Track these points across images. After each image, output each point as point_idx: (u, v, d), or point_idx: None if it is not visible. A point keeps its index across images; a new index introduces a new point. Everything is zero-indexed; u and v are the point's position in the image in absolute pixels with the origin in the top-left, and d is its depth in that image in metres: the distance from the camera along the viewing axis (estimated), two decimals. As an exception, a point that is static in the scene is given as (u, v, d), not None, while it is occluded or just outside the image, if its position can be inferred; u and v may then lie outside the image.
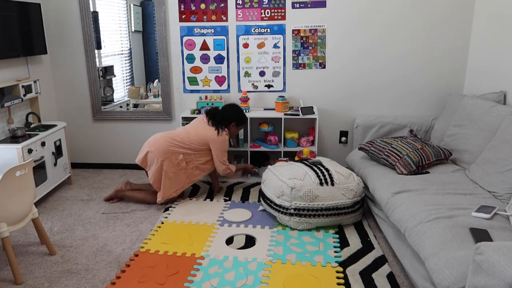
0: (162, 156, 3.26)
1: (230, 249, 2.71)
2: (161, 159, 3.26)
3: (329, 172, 2.97)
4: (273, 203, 3.00)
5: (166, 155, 3.27)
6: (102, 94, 4.25)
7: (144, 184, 3.63)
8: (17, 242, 2.87)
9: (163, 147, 3.27)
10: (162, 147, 3.27)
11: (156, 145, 3.28)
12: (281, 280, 2.37)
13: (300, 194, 2.85)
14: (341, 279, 2.38)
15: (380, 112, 3.98)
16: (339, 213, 2.93)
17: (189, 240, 2.83)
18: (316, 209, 2.88)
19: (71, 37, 4.03)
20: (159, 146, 3.27)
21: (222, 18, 3.85)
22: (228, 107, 3.50)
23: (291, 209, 2.89)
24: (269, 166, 3.24)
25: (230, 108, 3.49)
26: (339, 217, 2.94)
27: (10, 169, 2.26)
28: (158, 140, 3.31)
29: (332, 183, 2.91)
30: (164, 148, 3.27)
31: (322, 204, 2.87)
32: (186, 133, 3.38)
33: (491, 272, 1.45)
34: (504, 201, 2.41)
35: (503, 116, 2.75)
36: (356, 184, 2.97)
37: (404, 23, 3.73)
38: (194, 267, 2.50)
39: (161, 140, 3.30)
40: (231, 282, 2.35)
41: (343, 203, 2.91)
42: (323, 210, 2.89)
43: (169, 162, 3.28)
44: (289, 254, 2.64)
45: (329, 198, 2.88)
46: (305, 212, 2.88)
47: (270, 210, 3.06)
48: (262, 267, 2.50)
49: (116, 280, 2.38)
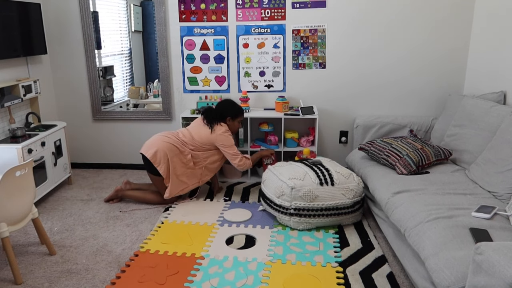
0: (171, 153, 3.27)
1: (230, 249, 2.71)
2: (171, 155, 3.27)
3: (329, 172, 2.97)
4: (273, 203, 3.00)
5: (174, 152, 3.28)
6: (102, 94, 4.25)
7: (144, 184, 3.63)
8: (17, 242, 2.87)
9: (171, 146, 3.28)
10: (170, 145, 3.28)
11: (164, 144, 3.27)
12: (281, 280, 2.37)
13: (300, 194, 2.85)
14: (341, 279, 2.38)
15: (380, 112, 3.98)
16: (339, 213, 2.93)
17: (189, 240, 2.83)
18: (316, 209, 2.88)
19: (71, 37, 4.03)
20: (167, 145, 3.27)
21: (222, 18, 3.85)
22: (220, 103, 3.48)
23: (291, 209, 2.89)
24: (269, 166, 3.24)
25: (222, 103, 3.47)
26: (339, 217, 2.95)
27: (10, 169, 2.26)
28: (166, 139, 3.30)
29: (332, 183, 2.91)
30: (172, 146, 3.28)
31: (322, 204, 2.87)
32: (189, 134, 3.40)
33: (491, 272, 1.45)
34: (504, 201, 2.41)
35: (503, 116, 2.74)
36: (356, 184, 2.97)
37: (404, 23, 3.73)
38: (194, 267, 2.50)
39: (168, 139, 3.31)
40: (231, 282, 2.35)
41: (343, 203, 2.91)
42: (323, 210, 2.89)
43: (178, 160, 3.30)
44: (289, 254, 2.64)
45: (329, 198, 2.88)
46: (305, 212, 2.88)
47: (270, 210, 3.06)
48: (262, 267, 2.50)
49: (116, 280, 2.38)
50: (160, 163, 3.25)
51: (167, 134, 3.36)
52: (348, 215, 2.97)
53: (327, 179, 2.92)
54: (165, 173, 3.27)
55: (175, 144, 3.30)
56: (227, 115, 3.42)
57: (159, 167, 3.25)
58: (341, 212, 2.93)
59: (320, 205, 2.87)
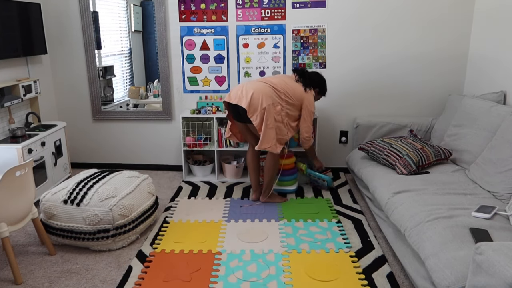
0: (267, 101, 3.00)
1: (245, 243, 2.78)
2: (265, 105, 3.00)
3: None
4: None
5: (270, 101, 3.01)
6: (102, 94, 4.25)
7: (252, 172, 3.45)
8: (17, 242, 2.87)
9: (268, 92, 3.03)
10: (267, 91, 3.03)
11: (260, 88, 3.02)
12: (302, 268, 2.48)
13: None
14: (357, 263, 2.52)
15: (380, 112, 3.98)
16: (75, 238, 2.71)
17: (201, 237, 2.86)
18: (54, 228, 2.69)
19: (71, 37, 4.03)
20: (264, 90, 3.02)
21: (222, 18, 3.85)
22: (315, 73, 3.33)
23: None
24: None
25: (317, 75, 3.32)
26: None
27: (10, 169, 2.26)
28: (259, 84, 3.07)
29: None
30: (269, 92, 3.03)
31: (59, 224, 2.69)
32: (283, 83, 3.15)
33: (491, 272, 1.45)
34: (504, 201, 2.41)
35: (503, 116, 2.75)
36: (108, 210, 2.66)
37: (404, 23, 3.73)
38: (214, 262, 2.55)
39: (262, 84, 3.06)
40: (255, 274, 2.42)
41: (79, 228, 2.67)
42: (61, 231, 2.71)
43: (269, 112, 3.02)
44: (302, 244, 2.76)
45: (66, 219, 2.68)
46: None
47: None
48: (280, 258, 2.60)
49: (141, 282, 2.37)
50: (253, 112, 3.02)
51: (263, 80, 3.15)
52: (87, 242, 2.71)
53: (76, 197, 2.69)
54: (259, 124, 3.04)
55: (274, 93, 3.07)
56: (317, 86, 3.29)
57: (253, 117, 3.04)
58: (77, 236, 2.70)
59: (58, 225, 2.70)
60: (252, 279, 2.37)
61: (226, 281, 2.35)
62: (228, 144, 3.87)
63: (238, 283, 2.34)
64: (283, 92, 3.10)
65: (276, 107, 3.05)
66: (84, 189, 2.75)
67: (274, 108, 3.04)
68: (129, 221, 2.74)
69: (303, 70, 3.31)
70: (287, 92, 3.12)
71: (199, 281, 2.36)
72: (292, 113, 3.18)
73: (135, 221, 2.80)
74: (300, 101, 3.17)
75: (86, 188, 2.75)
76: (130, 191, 2.83)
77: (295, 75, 3.27)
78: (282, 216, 3.15)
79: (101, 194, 2.70)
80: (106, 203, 2.65)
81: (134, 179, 2.99)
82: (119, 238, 2.73)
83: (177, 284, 2.35)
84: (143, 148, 4.29)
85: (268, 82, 3.13)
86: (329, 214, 3.20)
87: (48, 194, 2.77)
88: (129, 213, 2.73)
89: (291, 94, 3.13)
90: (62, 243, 2.79)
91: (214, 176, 4.04)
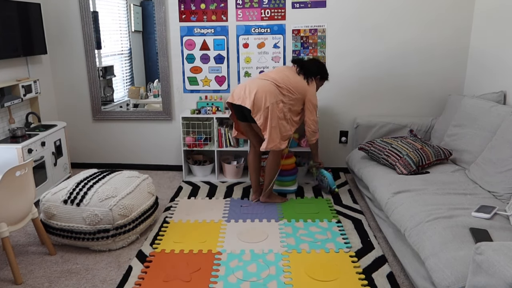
0: (270, 100, 3.00)
1: (245, 243, 2.78)
2: (269, 103, 3.00)
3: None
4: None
5: (273, 99, 3.02)
6: (102, 94, 4.25)
7: (252, 172, 3.45)
8: (17, 242, 2.87)
9: (271, 89, 3.02)
10: (270, 89, 3.02)
11: (263, 86, 3.01)
12: (302, 268, 2.48)
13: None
14: (357, 263, 2.51)
15: (380, 112, 3.98)
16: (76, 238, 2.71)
17: (201, 237, 2.86)
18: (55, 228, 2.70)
19: (71, 37, 4.03)
20: (266, 88, 3.02)
21: (222, 18, 3.85)
22: (312, 61, 3.30)
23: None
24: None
25: (315, 62, 3.30)
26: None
27: (10, 169, 2.26)
28: (261, 82, 3.06)
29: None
30: (272, 90, 3.02)
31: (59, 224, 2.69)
32: (285, 77, 3.13)
33: (491, 272, 1.45)
34: (504, 201, 2.41)
35: (503, 116, 2.75)
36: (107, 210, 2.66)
37: (404, 23, 3.73)
38: (214, 262, 2.55)
39: (264, 82, 3.05)
40: (255, 274, 2.42)
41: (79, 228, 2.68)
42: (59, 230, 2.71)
43: (273, 111, 3.03)
44: (302, 244, 2.76)
45: (66, 219, 2.68)
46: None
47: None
48: (280, 258, 2.60)
49: (141, 282, 2.37)
50: (257, 112, 3.01)
51: (264, 77, 3.14)
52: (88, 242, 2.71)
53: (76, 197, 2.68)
54: (263, 123, 3.05)
55: (276, 90, 3.06)
56: (318, 73, 3.27)
57: (257, 116, 3.03)
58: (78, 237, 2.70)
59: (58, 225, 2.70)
60: (252, 279, 2.37)
61: (226, 281, 2.35)
62: (228, 144, 3.87)
63: (238, 283, 2.34)
64: (285, 87, 3.10)
65: (278, 104, 3.06)
66: (84, 189, 2.75)
67: (277, 106, 3.05)
68: (129, 221, 2.74)
69: (302, 61, 3.28)
70: (289, 87, 3.11)
71: (199, 281, 2.36)
72: (294, 108, 3.18)
73: (135, 221, 2.80)
74: (303, 94, 3.17)
75: (86, 188, 2.76)
76: (130, 191, 2.83)
77: (295, 66, 3.26)
78: (282, 216, 3.15)
79: (101, 194, 2.70)
80: (106, 203, 2.66)
81: (134, 179, 2.99)
82: (119, 238, 2.73)
83: (177, 284, 2.35)
84: (143, 148, 4.29)
85: (270, 78, 3.13)
86: (329, 214, 3.20)
87: (48, 194, 2.77)
88: (129, 213, 2.73)
89: (293, 88, 3.12)
90: (62, 243, 2.79)
91: (214, 176, 4.04)
